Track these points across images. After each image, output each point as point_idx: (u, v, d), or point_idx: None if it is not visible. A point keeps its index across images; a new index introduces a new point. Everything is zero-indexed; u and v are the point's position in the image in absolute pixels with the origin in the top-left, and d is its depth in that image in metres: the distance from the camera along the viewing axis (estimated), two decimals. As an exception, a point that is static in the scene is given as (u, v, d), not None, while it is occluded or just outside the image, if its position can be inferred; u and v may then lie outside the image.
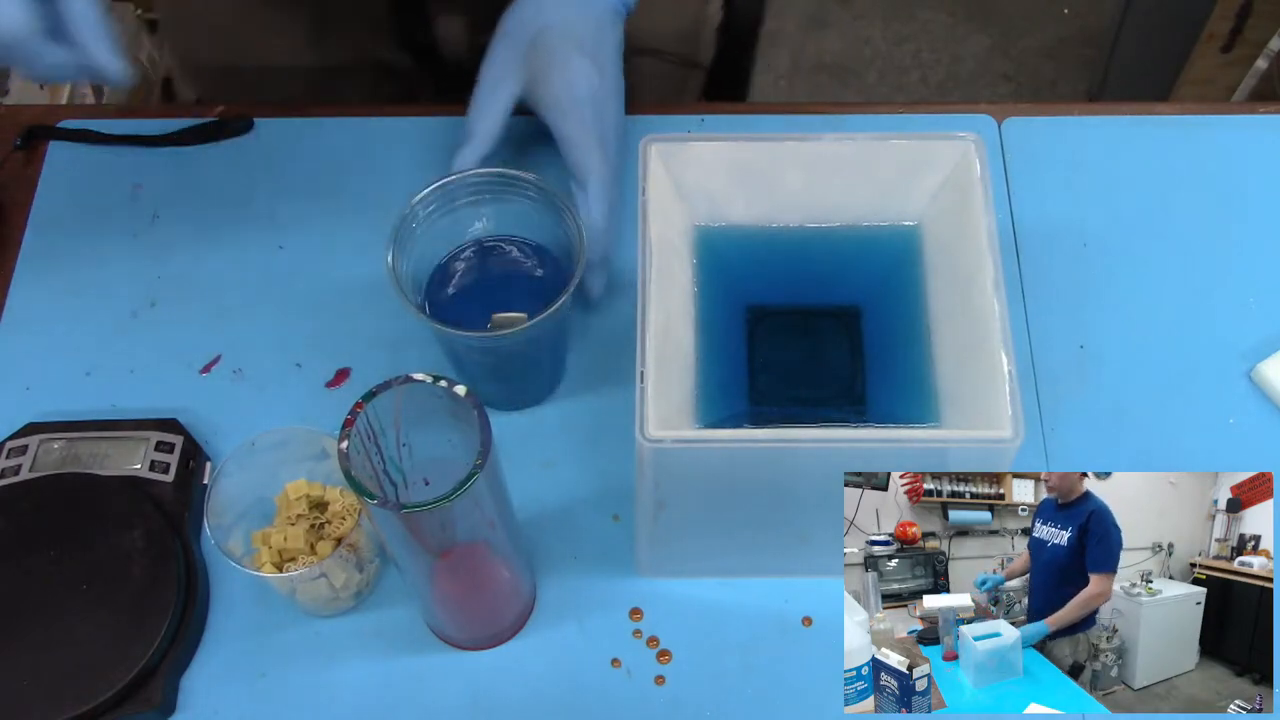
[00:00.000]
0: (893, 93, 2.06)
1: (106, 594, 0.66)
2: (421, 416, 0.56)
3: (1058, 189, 0.84)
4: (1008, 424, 0.56)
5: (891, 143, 0.65)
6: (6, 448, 0.72)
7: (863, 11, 2.14)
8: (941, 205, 0.66)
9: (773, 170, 0.66)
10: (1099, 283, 0.80)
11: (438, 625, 0.68)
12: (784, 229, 0.68)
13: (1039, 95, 2.05)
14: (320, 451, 0.69)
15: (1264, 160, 0.85)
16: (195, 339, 0.78)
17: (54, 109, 1.13)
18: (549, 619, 0.70)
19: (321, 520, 0.69)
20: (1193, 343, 0.78)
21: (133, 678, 0.64)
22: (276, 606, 0.70)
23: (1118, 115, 0.87)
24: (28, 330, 0.79)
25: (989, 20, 2.12)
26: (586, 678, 0.68)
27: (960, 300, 0.63)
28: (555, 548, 0.71)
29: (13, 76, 1.50)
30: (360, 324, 0.78)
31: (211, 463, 0.73)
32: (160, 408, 0.75)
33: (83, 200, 0.83)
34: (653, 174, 0.64)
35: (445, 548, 0.58)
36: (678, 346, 0.63)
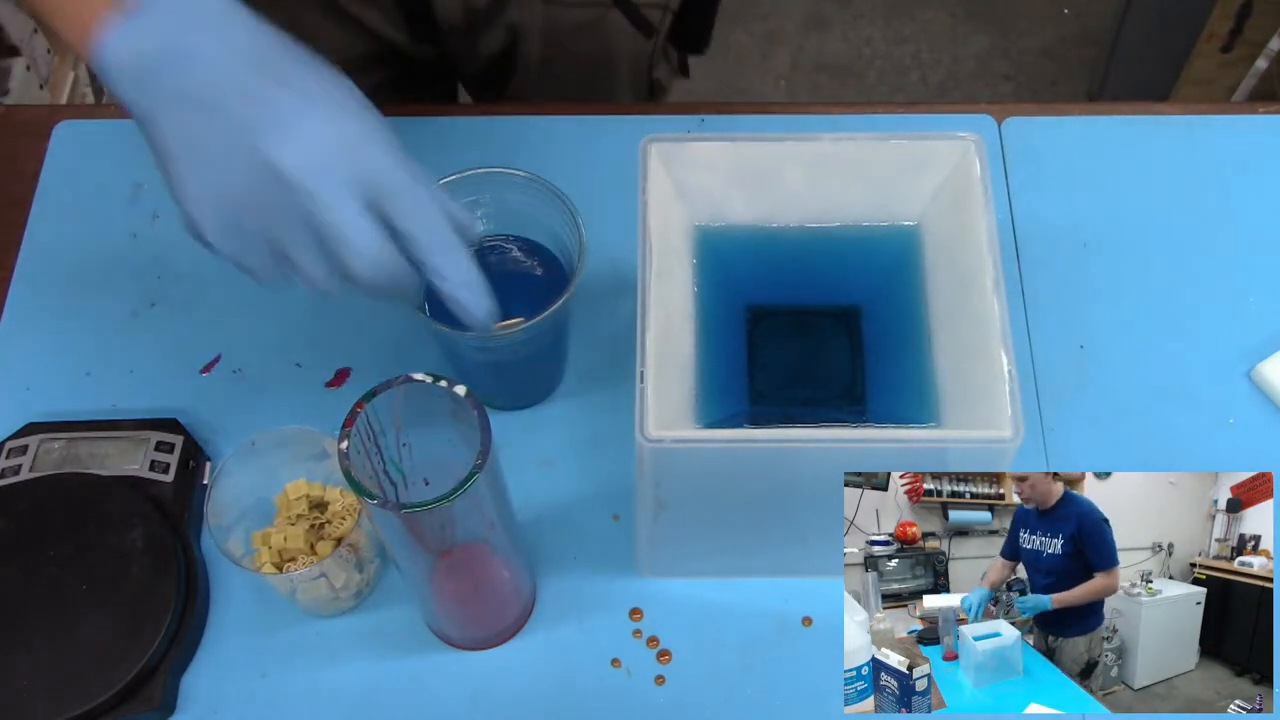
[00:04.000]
0: (893, 93, 2.06)
1: (106, 594, 0.66)
2: (421, 416, 0.56)
3: (1058, 189, 0.84)
4: (1008, 424, 0.56)
5: (891, 143, 0.65)
6: (6, 448, 0.72)
7: (863, 11, 2.14)
8: (941, 205, 0.66)
9: (773, 170, 0.66)
10: (1099, 283, 0.80)
11: (438, 625, 0.68)
12: (784, 229, 0.68)
13: (1039, 95, 2.05)
14: (320, 451, 0.69)
15: (1264, 160, 0.85)
16: (195, 339, 0.78)
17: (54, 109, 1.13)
18: (549, 619, 0.70)
19: (321, 520, 0.69)
20: (1193, 343, 0.78)
21: (133, 678, 0.64)
22: (276, 606, 0.70)
23: (1118, 115, 0.87)
24: (28, 330, 0.79)
25: (989, 20, 2.12)
26: (586, 678, 0.68)
27: (960, 300, 0.63)
28: (555, 548, 0.71)
29: (13, 76, 1.50)
30: (360, 324, 0.78)
31: (211, 463, 0.73)
32: (160, 408, 0.75)
33: (83, 200, 0.83)
34: (653, 174, 0.64)
35: (445, 548, 0.58)
36: (678, 346, 0.63)
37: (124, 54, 0.53)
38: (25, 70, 1.52)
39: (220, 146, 0.53)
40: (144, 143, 0.55)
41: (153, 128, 0.54)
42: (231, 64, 0.54)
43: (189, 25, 0.54)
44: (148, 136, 0.55)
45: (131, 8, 0.53)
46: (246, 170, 0.53)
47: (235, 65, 0.54)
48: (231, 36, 0.55)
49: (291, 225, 0.54)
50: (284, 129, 0.53)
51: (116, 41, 0.53)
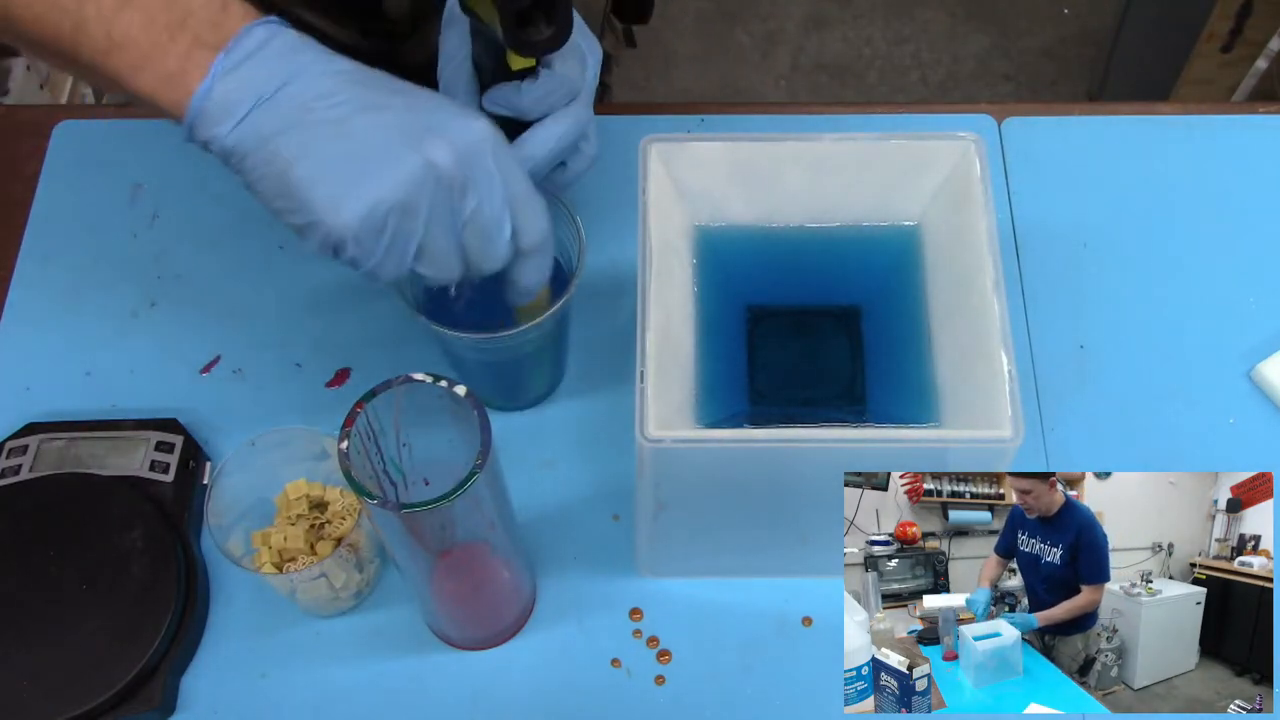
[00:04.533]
0: (893, 93, 2.06)
1: (106, 594, 0.66)
2: (421, 416, 0.56)
3: (1058, 189, 0.84)
4: (1008, 424, 0.56)
5: (891, 143, 0.65)
6: (6, 448, 0.72)
7: (863, 11, 2.14)
8: (941, 205, 0.66)
9: (773, 170, 0.66)
10: (1099, 283, 0.80)
11: (438, 625, 0.68)
12: (784, 229, 0.68)
13: (1039, 95, 2.05)
14: (320, 451, 0.69)
15: (1264, 160, 0.85)
16: (195, 339, 0.78)
17: (54, 109, 1.13)
18: (549, 619, 0.70)
19: (321, 520, 0.69)
20: (1193, 343, 0.78)
21: (133, 678, 0.64)
22: (276, 606, 0.70)
23: (1118, 115, 0.87)
24: (28, 330, 0.79)
25: (989, 20, 2.12)
26: (586, 678, 0.68)
27: (960, 300, 0.63)
28: (555, 548, 0.71)
29: (13, 76, 1.50)
30: (360, 324, 0.78)
31: (211, 463, 0.73)
32: (160, 408, 0.75)
33: (83, 200, 0.83)
34: (653, 174, 0.64)
35: (445, 548, 0.58)
36: (678, 346, 0.63)
37: (235, 91, 0.54)
38: (25, 70, 1.52)
39: (367, 156, 0.54)
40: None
41: (272, 159, 0.54)
42: (341, 83, 0.56)
43: (289, 54, 0.55)
44: (257, 170, 0.55)
45: (231, 48, 0.54)
46: (403, 174, 0.54)
47: (345, 83, 0.56)
48: (326, 60, 0.56)
49: (440, 222, 0.56)
50: (433, 129, 0.55)
51: (223, 81, 0.54)
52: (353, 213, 0.54)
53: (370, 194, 0.54)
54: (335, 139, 0.54)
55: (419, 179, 0.55)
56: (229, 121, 0.55)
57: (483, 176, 0.56)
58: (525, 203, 0.58)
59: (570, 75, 0.62)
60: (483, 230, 0.57)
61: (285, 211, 0.56)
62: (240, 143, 0.55)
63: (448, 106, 0.57)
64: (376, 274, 0.57)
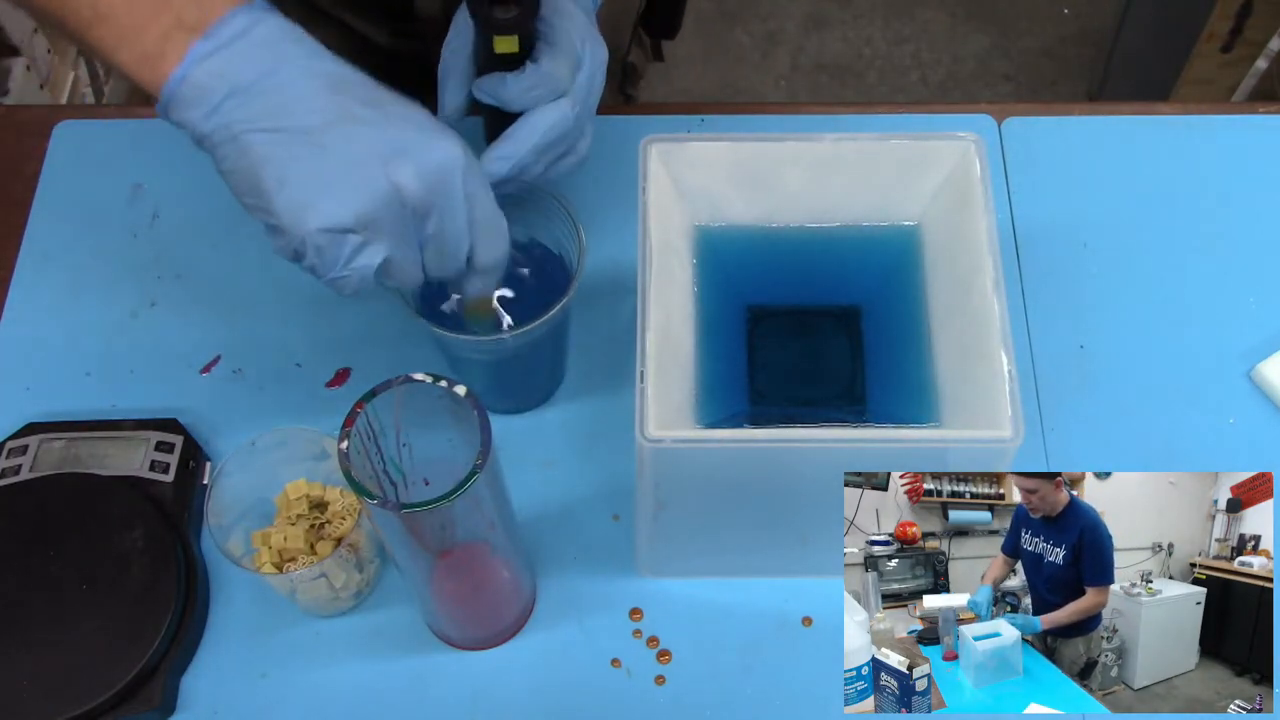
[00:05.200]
0: (893, 93, 2.06)
1: (106, 594, 0.66)
2: (421, 416, 0.56)
3: (1058, 189, 0.84)
4: (1008, 424, 0.56)
5: (891, 143, 0.65)
6: (6, 448, 0.72)
7: (863, 11, 2.14)
8: (941, 205, 0.66)
9: (773, 170, 0.66)
10: (1099, 283, 0.80)
11: (438, 625, 0.68)
12: (784, 229, 0.68)
13: (1039, 95, 2.05)
14: (320, 451, 0.69)
15: (1264, 160, 0.85)
16: (195, 339, 0.78)
17: (54, 109, 1.13)
18: (549, 619, 0.70)
19: (321, 520, 0.69)
20: (1193, 343, 0.78)
21: (133, 678, 0.64)
22: (276, 606, 0.70)
23: (1118, 115, 0.87)
24: (28, 330, 0.79)
25: (989, 20, 2.12)
26: (586, 678, 0.68)
27: (960, 300, 0.63)
28: (555, 548, 0.71)
29: (13, 76, 1.50)
30: (360, 324, 0.78)
31: (211, 463, 0.73)
32: (160, 408, 0.75)
33: (83, 200, 0.83)
34: (653, 174, 0.64)
35: (445, 548, 0.58)
36: (678, 346, 0.63)
37: (210, 78, 0.54)
38: (25, 70, 1.52)
39: (335, 171, 0.54)
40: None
41: (243, 153, 0.54)
42: (319, 87, 0.55)
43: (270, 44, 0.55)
44: (228, 161, 0.55)
45: (210, 33, 0.54)
46: (368, 194, 0.54)
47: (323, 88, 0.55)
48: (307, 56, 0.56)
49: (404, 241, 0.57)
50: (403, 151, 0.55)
51: (199, 66, 0.54)
52: (315, 224, 0.54)
53: (333, 210, 0.54)
54: (305, 147, 0.54)
55: (384, 200, 0.55)
56: (203, 108, 0.54)
57: (447, 201, 0.57)
58: (486, 226, 0.59)
59: (557, 73, 0.62)
60: (442, 250, 0.58)
61: (254, 209, 0.56)
62: (214, 131, 0.55)
63: (423, 123, 0.57)
64: (337, 286, 0.57)
